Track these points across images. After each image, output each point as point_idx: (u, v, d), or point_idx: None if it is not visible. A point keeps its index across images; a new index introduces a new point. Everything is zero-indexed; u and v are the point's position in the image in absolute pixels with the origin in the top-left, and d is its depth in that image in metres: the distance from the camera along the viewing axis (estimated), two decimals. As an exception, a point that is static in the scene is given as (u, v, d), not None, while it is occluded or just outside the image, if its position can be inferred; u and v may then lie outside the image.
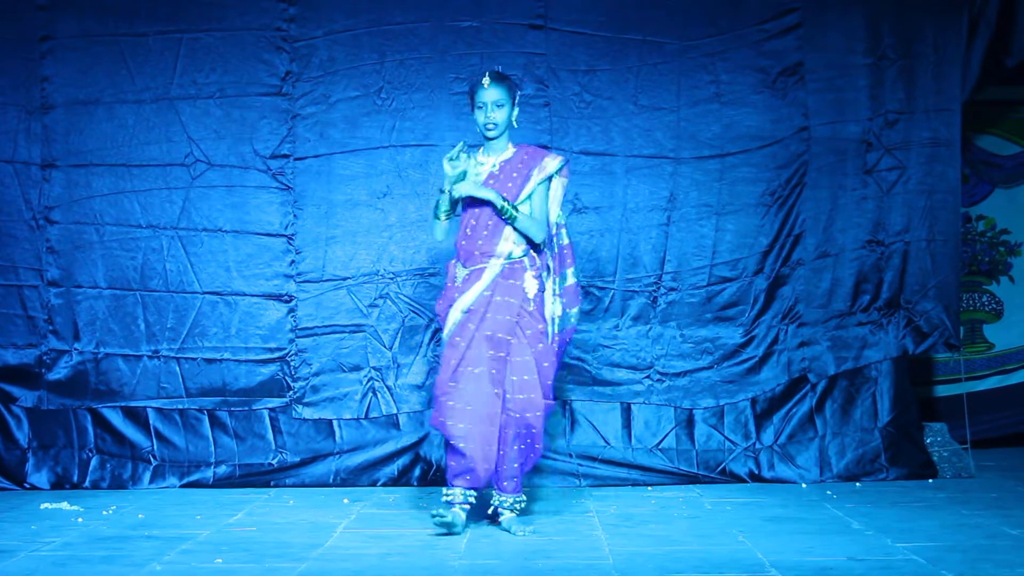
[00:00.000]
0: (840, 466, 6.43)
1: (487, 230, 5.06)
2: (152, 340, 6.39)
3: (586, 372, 6.45)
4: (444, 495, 5.06)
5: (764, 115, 6.49)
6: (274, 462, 6.37)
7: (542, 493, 6.04)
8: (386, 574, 4.31)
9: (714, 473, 6.39)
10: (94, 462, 6.35)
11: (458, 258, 5.15)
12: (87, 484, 6.30)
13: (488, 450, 4.96)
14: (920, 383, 7.28)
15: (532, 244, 5.10)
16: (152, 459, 6.37)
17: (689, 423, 6.47)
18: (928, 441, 6.58)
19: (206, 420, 6.40)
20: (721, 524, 5.18)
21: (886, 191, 6.54)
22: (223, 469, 6.36)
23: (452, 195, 5.07)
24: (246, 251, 6.43)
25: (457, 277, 5.13)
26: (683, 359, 6.50)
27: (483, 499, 5.17)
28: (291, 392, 6.42)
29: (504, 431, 4.98)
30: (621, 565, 4.36)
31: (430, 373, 6.35)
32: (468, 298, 5.05)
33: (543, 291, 5.15)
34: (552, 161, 5.13)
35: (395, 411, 6.42)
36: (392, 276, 6.45)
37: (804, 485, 6.27)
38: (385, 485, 6.33)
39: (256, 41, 6.41)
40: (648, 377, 6.48)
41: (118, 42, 6.40)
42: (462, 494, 5.00)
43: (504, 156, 5.14)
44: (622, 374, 6.46)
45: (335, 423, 6.43)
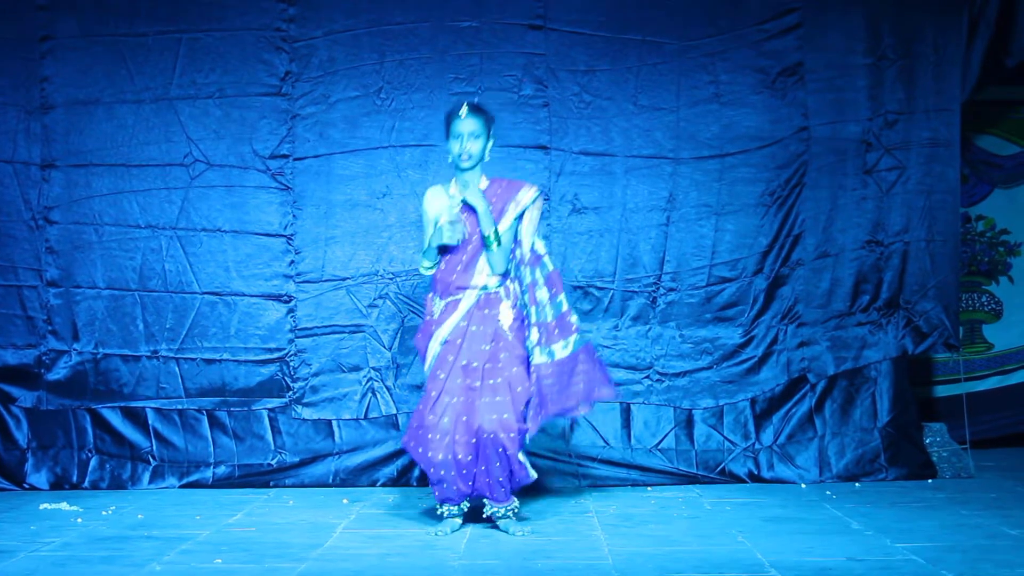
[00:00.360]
0: (839, 466, 6.42)
1: (461, 264, 5.10)
2: (151, 340, 6.39)
3: (586, 372, 6.45)
4: (437, 510, 5.12)
5: (764, 115, 6.49)
6: (273, 462, 6.37)
7: (542, 493, 6.04)
8: (386, 574, 4.31)
9: (713, 473, 6.39)
10: (93, 462, 6.35)
11: (435, 291, 5.18)
12: (86, 484, 6.30)
13: (466, 475, 5.01)
14: (919, 383, 7.28)
15: (505, 275, 5.12)
16: (151, 459, 6.36)
17: (688, 423, 6.47)
18: (927, 441, 6.58)
19: (205, 420, 6.40)
20: (721, 524, 5.18)
21: (886, 191, 6.54)
22: (222, 469, 6.36)
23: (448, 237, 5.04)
24: (245, 251, 6.43)
25: (435, 311, 5.16)
26: (682, 359, 6.50)
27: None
28: (290, 392, 6.41)
29: (483, 451, 4.98)
30: (621, 565, 4.36)
31: (430, 373, 6.36)
32: (445, 329, 5.09)
33: (521, 321, 5.14)
34: (526, 194, 5.15)
35: (394, 411, 6.42)
36: (391, 276, 6.45)
37: (803, 485, 6.26)
38: (384, 485, 6.33)
39: (256, 41, 6.41)
40: (647, 377, 6.48)
41: (118, 42, 6.40)
42: (458, 509, 5.11)
43: (479, 188, 5.15)
44: (621, 374, 6.45)
45: (334, 423, 6.43)
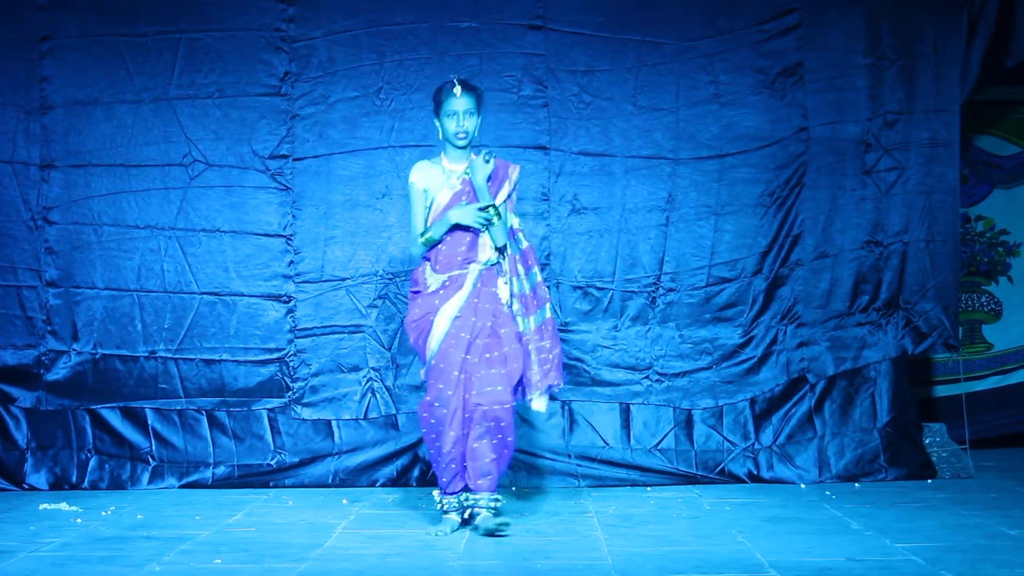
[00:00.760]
0: (839, 466, 6.42)
1: (468, 238, 5.08)
2: (149, 341, 6.38)
3: (585, 373, 6.45)
4: (440, 504, 5.11)
5: (763, 116, 6.49)
6: (273, 463, 6.37)
7: (541, 493, 6.04)
8: (385, 574, 4.31)
9: (713, 473, 6.39)
10: (93, 463, 6.35)
11: (433, 264, 5.12)
12: (86, 485, 6.30)
13: (460, 454, 5.02)
14: (919, 383, 7.28)
15: (502, 250, 5.13)
16: (151, 460, 6.36)
17: (688, 423, 6.47)
18: (927, 441, 6.58)
19: (205, 421, 6.40)
20: (720, 524, 5.18)
21: (885, 191, 6.54)
22: (222, 470, 6.36)
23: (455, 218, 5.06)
24: (244, 251, 6.43)
25: (429, 284, 5.11)
26: (682, 359, 6.50)
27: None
28: (290, 393, 6.41)
29: (474, 426, 4.97)
30: (620, 565, 4.36)
31: (429, 373, 6.36)
32: (455, 304, 5.06)
33: (512, 295, 5.16)
34: (515, 171, 5.20)
35: (394, 411, 6.42)
36: (391, 276, 6.45)
37: (803, 485, 6.26)
38: (384, 485, 6.33)
39: (255, 41, 6.41)
40: (647, 378, 6.48)
41: (117, 42, 6.40)
42: (457, 501, 5.09)
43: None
44: (621, 374, 6.45)
45: (334, 423, 6.42)
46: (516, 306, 5.14)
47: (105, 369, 6.38)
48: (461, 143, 5.10)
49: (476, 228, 5.04)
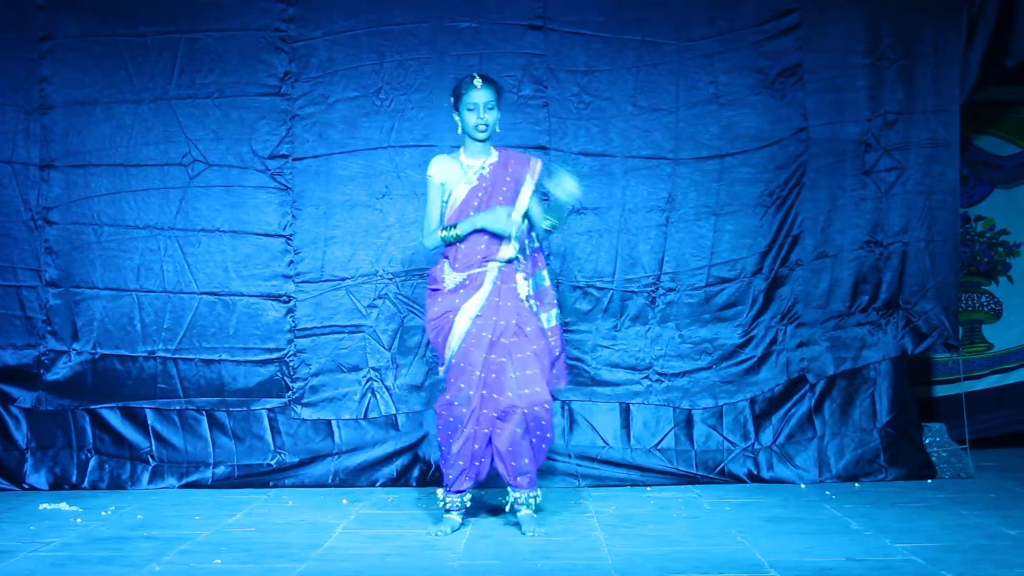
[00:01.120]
0: (839, 466, 6.42)
1: (488, 235, 5.08)
2: (148, 341, 6.38)
3: (585, 372, 6.45)
4: (443, 502, 5.12)
5: (763, 116, 6.49)
6: (273, 463, 6.37)
7: (541, 493, 6.04)
8: (385, 574, 4.31)
9: (713, 473, 6.39)
10: (93, 463, 6.35)
11: (451, 262, 5.13)
12: (86, 484, 6.30)
13: (483, 458, 5.05)
14: (919, 383, 7.28)
15: (521, 248, 5.15)
16: (151, 460, 6.36)
17: (688, 423, 6.46)
18: (927, 441, 6.58)
19: (204, 421, 6.40)
20: (720, 524, 5.18)
21: (885, 192, 6.54)
22: (222, 470, 6.35)
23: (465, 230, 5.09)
24: (244, 251, 6.43)
25: (447, 281, 5.12)
26: (682, 359, 6.50)
27: (476, 498, 5.18)
28: (290, 392, 6.41)
29: (513, 428, 4.98)
30: (620, 565, 4.36)
31: (429, 373, 6.35)
32: (475, 303, 5.06)
33: (529, 296, 5.18)
34: (537, 164, 5.22)
35: (394, 411, 6.42)
36: (391, 276, 6.44)
37: (803, 485, 6.26)
38: (384, 485, 6.33)
39: (255, 41, 6.41)
40: (647, 377, 6.48)
41: (117, 42, 6.40)
42: (460, 500, 5.10)
43: (491, 160, 5.19)
44: (621, 374, 6.45)
45: (334, 423, 6.42)
46: (534, 304, 5.20)
47: (105, 369, 6.38)
48: (481, 136, 5.11)
49: (503, 234, 5.06)
